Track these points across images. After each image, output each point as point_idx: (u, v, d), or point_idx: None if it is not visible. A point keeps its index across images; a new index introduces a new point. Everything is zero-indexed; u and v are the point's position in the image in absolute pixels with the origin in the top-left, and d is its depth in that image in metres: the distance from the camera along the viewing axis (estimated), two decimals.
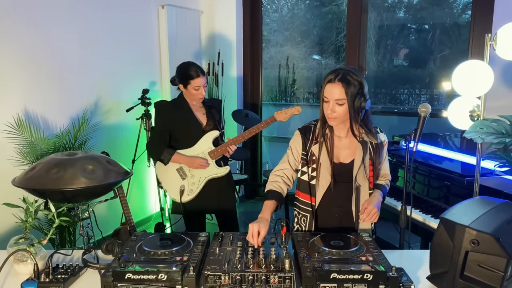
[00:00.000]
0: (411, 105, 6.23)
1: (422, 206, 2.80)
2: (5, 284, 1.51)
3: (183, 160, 2.62)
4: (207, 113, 2.71)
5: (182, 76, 2.61)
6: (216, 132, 2.68)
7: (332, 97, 1.70)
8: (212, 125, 2.70)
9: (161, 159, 2.61)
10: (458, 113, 2.48)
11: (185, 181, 2.67)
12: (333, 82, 1.69)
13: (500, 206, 1.45)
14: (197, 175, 2.66)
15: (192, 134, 2.65)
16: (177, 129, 2.64)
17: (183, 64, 2.68)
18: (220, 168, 2.69)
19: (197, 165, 2.61)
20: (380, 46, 6.03)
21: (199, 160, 2.61)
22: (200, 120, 2.68)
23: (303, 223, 1.92)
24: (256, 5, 4.95)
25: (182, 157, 2.62)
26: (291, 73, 6.45)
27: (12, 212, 1.89)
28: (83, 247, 2.06)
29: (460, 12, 5.82)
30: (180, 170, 2.67)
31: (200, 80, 2.57)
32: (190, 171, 2.66)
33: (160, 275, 1.34)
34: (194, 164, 2.61)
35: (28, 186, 1.75)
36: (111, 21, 3.73)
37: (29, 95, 3.10)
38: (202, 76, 2.58)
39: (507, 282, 1.30)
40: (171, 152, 2.59)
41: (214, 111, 2.74)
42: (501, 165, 2.41)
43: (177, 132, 2.64)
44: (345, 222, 1.91)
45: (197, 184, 2.66)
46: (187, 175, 2.67)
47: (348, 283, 1.33)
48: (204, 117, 2.70)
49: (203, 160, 2.61)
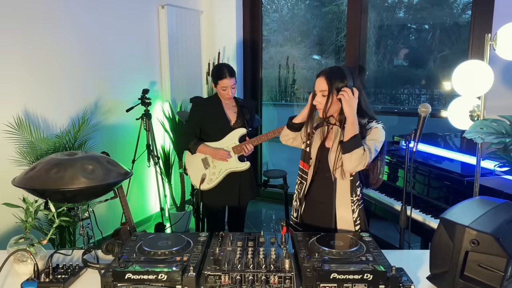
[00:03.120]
0: (411, 105, 6.23)
1: (422, 206, 2.80)
2: (5, 284, 1.51)
3: (207, 151, 2.82)
4: (238, 112, 2.89)
5: (214, 75, 2.82)
6: (243, 129, 2.85)
7: (318, 89, 1.90)
8: (241, 123, 2.87)
9: (188, 148, 2.84)
10: (458, 113, 2.47)
11: (207, 170, 2.87)
12: (319, 77, 1.90)
13: (500, 206, 1.45)
14: (218, 166, 2.84)
15: (220, 129, 2.83)
16: (207, 123, 2.84)
17: (217, 65, 2.95)
18: (240, 163, 2.85)
19: (220, 156, 2.79)
20: (380, 46, 6.03)
21: (222, 151, 2.79)
22: (230, 117, 2.86)
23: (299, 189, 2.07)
24: (256, 5, 4.95)
25: (207, 148, 2.82)
26: (291, 73, 6.46)
27: (12, 212, 1.89)
28: (83, 247, 2.06)
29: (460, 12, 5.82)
30: (205, 160, 2.88)
31: (227, 81, 2.75)
32: (213, 162, 2.85)
33: (160, 275, 1.34)
34: (217, 155, 2.80)
35: (28, 186, 1.75)
36: (111, 21, 3.73)
37: (29, 95, 3.10)
38: (229, 77, 2.76)
39: (507, 282, 1.30)
40: (197, 143, 2.82)
41: (245, 111, 2.90)
42: (501, 165, 2.41)
43: (208, 126, 2.85)
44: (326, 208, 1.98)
45: (217, 175, 2.84)
46: (209, 165, 2.87)
47: (348, 283, 1.33)
48: (234, 115, 2.88)
49: (225, 152, 2.79)
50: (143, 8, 4.10)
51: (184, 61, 4.52)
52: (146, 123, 3.77)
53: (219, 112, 2.84)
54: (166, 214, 4.21)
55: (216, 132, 2.84)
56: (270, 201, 5.22)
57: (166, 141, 4.41)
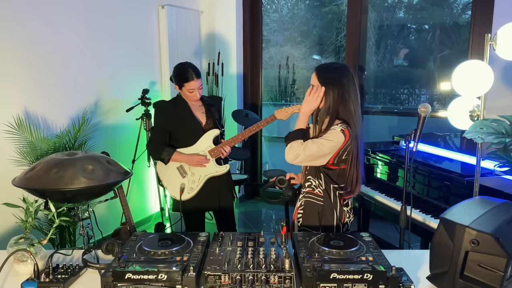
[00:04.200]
0: (411, 105, 6.23)
1: (422, 206, 2.80)
2: (5, 284, 1.51)
3: (183, 159, 2.63)
4: (207, 112, 2.73)
5: (177, 77, 2.63)
6: (216, 130, 2.69)
7: (311, 83, 1.97)
8: (212, 123, 2.72)
9: (161, 158, 2.62)
10: (458, 113, 2.47)
11: (185, 179, 2.68)
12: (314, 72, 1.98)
13: (500, 206, 1.45)
14: (197, 173, 2.67)
15: (192, 133, 2.66)
16: (176, 129, 2.65)
17: (179, 65, 2.68)
18: (220, 167, 2.70)
19: (196, 162, 2.62)
20: (380, 46, 6.03)
21: (198, 157, 2.62)
22: (200, 119, 2.70)
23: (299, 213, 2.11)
24: (256, 5, 4.95)
25: (182, 156, 2.63)
26: (291, 73, 6.46)
27: (12, 212, 1.89)
28: (83, 247, 2.06)
29: (460, 12, 5.82)
30: (181, 169, 2.69)
31: (194, 83, 2.58)
32: (191, 169, 2.67)
33: (160, 275, 1.34)
34: (193, 162, 2.62)
35: (28, 186, 1.75)
36: (111, 21, 3.73)
37: (29, 95, 3.10)
38: (196, 79, 2.58)
39: (507, 282, 1.30)
40: (170, 151, 2.60)
41: (213, 109, 2.75)
42: (501, 165, 2.41)
43: (177, 131, 2.66)
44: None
45: (197, 182, 2.67)
46: (187, 173, 2.68)
47: (348, 283, 1.33)
48: (204, 116, 2.72)
49: (202, 157, 2.63)
50: (143, 8, 4.10)
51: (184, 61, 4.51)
52: (146, 123, 3.77)
53: (187, 115, 2.65)
54: (166, 214, 4.21)
55: (187, 137, 2.65)
56: (270, 201, 5.22)
57: None
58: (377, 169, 3.31)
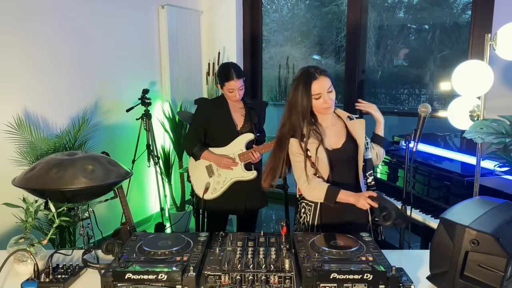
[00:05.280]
0: (411, 105, 6.23)
1: (422, 206, 2.80)
2: (5, 284, 1.51)
3: (212, 158, 2.63)
4: (246, 115, 2.69)
5: (220, 76, 2.61)
6: (250, 135, 2.64)
7: (324, 89, 1.86)
8: (248, 127, 2.67)
9: (193, 153, 2.64)
10: (458, 113, 2.47)
11: (211, 179, 2.67)
12: (318, 78, 1.85)
13: (500, 206, 1.45)
14: (223, 175, 2.65)
15: (226, 134, 2.64)
16: (212, 127, 2.66)
17: (223, 65, 2.69)
18: (247, 172, 2.65)
19: (224, 164, 2.59)
20: (380, 46, 6.03)
21: (226, 159, 2.60)
22: (236, 121, 2.66)
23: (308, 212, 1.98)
24: (256, 5, 4.95)
25: (211, 155, 2.62)
26: (291, 73, 6.45)
27: (12, 212, 1.89)
28: (83, 247, 2.06)
29: (460, 12, 5.82)
30: (209, 168, 2.68)
31: (234, 83, 2.54)
32: (218, 170, 2.66)
33: (160, 275, 1.34)
34: (221, 163, 2.60)
35: (28, 186, 1.75)
36: (111, 21, 3.73)
37: (29, 95, 3.10)
38: (237, 79, 2.54)
39: (507, 282, 1.30)
40: (202, 149, 2.61)
41: (253, 113, 2.69)
42: (501, 165, 2.41)
43: (212, 130, 2.66)
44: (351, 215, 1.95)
45: (221, 184, 2.65)
46: (214, 174, 2.67)
47: (348, 283, 1.33)
48: (242, 119, 2.68)
49: (230, 160, 2.60)
50: (143, 8, 4.10)
51: (184, 61, 4.52)
52: (146, 123, 3.77)
53: (225, 115, 2.64)
54: (166, 214, 4.21)
55: (221, 137, 2.64)
56: (270, 201, 5.17)
57: (166, 141, 4.41)
58: (377, 169, 3.31)
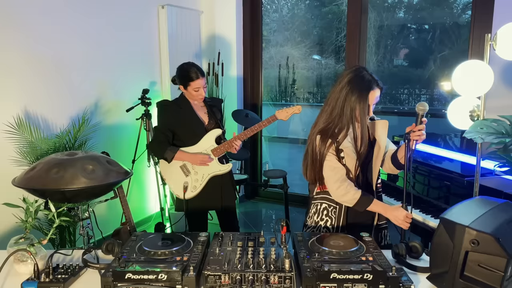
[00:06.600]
0: (411, 105, 6.23)
1: (422, 206, 2.80)
2: (5, 284, 1.51)
3: (186, 157, 2.67)
4: (209, 112, 2.77)
5: (182, 77, 2.65)
6: (218, 130, 2.73)
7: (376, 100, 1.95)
8: (214, 123, 2.76)
9: (164, 157, 2.64)
10: (458, 113, 2.47)
11: (188, 177, 2.71)
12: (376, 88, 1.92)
13: (500, 206, 1.45)
14: (200, 172, 2.71)
15: (195, 133, 2.70)
16: (179, 128, 2.69)
17: (183, 65, 2.71)
18: (223, 165, 2.75)
19: (200, 161, 2.65)
20: (380, 46, 6.03)
21: (202, 156, 2.66)
22: (202, 119, 2.73)
23: (333, 214, 2.01)
24: (256, 5, 4.95)
25: (185, 154, 2.66)
26: (291, 73, 6.45)
27: (12, 212, 1.89)
28: (83, 247, 2.06)
29: (460, 12, 5.82)
30: (184, 167, 2.72)
31: (199, 81, 2.61)
32: (194, 168, 2.71)
33: (160, 275, 1.34)
34: (197, 161, 2.65)
35: (28, 186, 1.75)
36: (111, 21, 3.73)
37: (29, 95, 3.10)
38: (201, 77, 2.63)
39: (507, 282, 1.30)
40: (174, 150, 2.63)
41: (215, 110, 2.79)
42: (501, 165, 2.41)
43: (180, 131, 2.69)
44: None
45: (200, 181, 2.71)
46: (190, 172, 2.71)
47: (348, 283, 1.33)
48: (206, 116, 2.76)
49: (206, 156, 2.66)
50: (143, 8, 4.10)
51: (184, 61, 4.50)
52: (146, 123, 3.77)
53: (190, 115, 2.69)
54: (166, 214, 4.21)
55: (190, 136, 2.69)
56: (270, 201, 5.22)
57: None
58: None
